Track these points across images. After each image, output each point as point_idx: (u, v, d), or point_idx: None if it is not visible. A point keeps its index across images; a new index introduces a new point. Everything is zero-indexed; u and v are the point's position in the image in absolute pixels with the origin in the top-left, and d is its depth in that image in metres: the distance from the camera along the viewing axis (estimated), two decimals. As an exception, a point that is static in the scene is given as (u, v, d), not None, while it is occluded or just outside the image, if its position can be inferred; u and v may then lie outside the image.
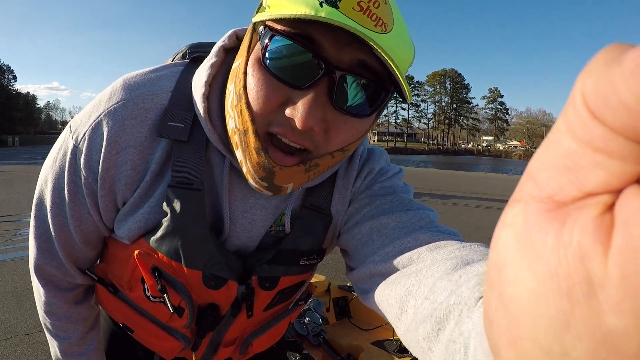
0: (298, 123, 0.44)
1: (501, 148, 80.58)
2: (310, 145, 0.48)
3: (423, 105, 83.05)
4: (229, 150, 0.54)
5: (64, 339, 0.69)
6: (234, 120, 0.49)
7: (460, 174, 18.12)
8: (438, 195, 9.04)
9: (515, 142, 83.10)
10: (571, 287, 0.11)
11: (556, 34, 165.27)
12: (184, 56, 0.69)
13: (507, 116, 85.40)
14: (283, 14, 0.42)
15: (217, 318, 0.63)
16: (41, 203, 0.60)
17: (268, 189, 0.52)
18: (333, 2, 0.41)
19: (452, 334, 0.32)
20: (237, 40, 0.58)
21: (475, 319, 0.30)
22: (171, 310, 0.58)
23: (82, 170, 0.54)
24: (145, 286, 0.59)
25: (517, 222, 0.14)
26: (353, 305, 1.91)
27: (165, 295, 0.57)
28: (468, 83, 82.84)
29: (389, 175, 0.63)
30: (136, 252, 0.57)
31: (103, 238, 0.64)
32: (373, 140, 79.41)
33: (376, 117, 0.53)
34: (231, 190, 0.57)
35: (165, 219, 0.54)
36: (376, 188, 0.60)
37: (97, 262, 0.70)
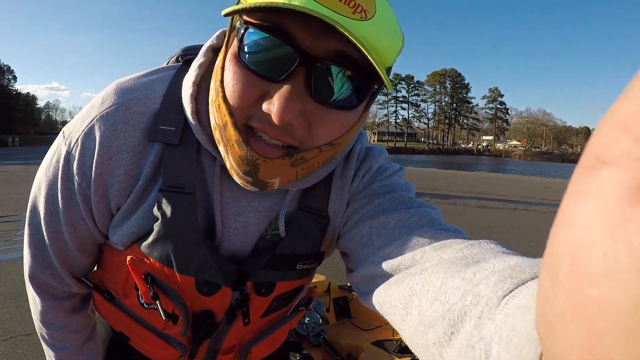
0: (274, 118, 0.43)
1: (501, 148, 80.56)
2: (292, 141, 0.46)
3: (423, 105, 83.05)
4: (218, 150, 0.52)
5: (61, 349, 0.67)
6: (214, 115, 0.48)
7: (460, 174, 18.12)
8: (438, 195, 9.03)
9: (515, 142, 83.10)
10: None
11: (556, 34, 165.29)
12: (178, 59, 0.69)
13: (507, 116, 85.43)
14: (252, 3, 0.40)
15: (212, 325, 0.62)
16: (35, 210, 0.58)
17: (253, 184, 0.50)
18: None
19: (471, 339, 0.28)
20: None
21: (498, 322, 0.26)
22: (164, 317, 0.57)
23: (76, 176, 0.53)
24: (139, 293, 0.58)
25: (609, 191, 0.10)
26: (353, 305, 1.91)
27: (157, 302, 0.56)
28: (468, 83, 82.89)
29: (388, 173, 0.60)
30: (128, 258, 0.56)
31: (98, 245, 0.63)
32: (373, 140, 79.28)
33: (365, 109, 0.51)
34: (222, 192, 0.56)
35: (156, 224, 0.53)
36: (375, 187, 0.58)
37: (94, 269, 0.69)
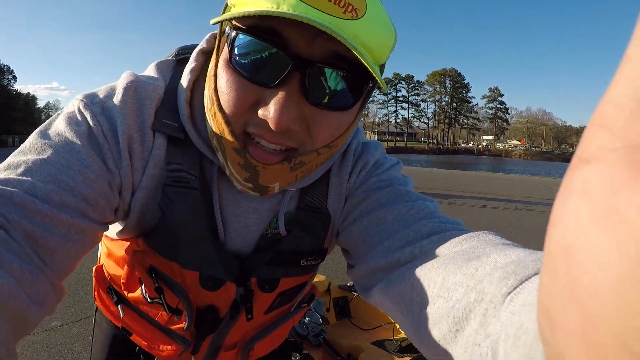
0: (271, 124, 0.42)
1: (501, 147, 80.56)
2: (292, 143, 0.46)
3: (423, 104, 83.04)
4: (215, 155, 0.52)
5: None
6: (210, 123, 0.48)
7: (460, 174, 18.12)
8: (438, 194, 9.03)
9: (515, 142, 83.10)
10: None
11: (556, 34, 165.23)
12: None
13: (507, 115, 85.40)
14: (241, 12, 0.39)
15: (216, 320, 0.62)
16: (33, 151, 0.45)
17: (254, 190, 0.50)
18: None
19: (477, 337, 0.28)
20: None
21: (504, 319, 0.26)
22: (167, 311, 0.57)
23: (106, 138, 0.49)
24: (143, 287, 0.58)
25: (592, 187, 0.10)
26: (353, 305, 1.91)
27: (161, 296, 0.56)
28: (468, 82, 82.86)
29: (385, 167, 0.60)
30: (133, 252, 0.55)
31: (87, 231, 0.46)
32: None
33: (361, 108, 0.51)
34: (222, 194, 0.56)
35: (160, 218, 0.52)
36: (372, 182, 0.58)
37: (97, 263, 0.69)
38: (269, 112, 0.42)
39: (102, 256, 0.67)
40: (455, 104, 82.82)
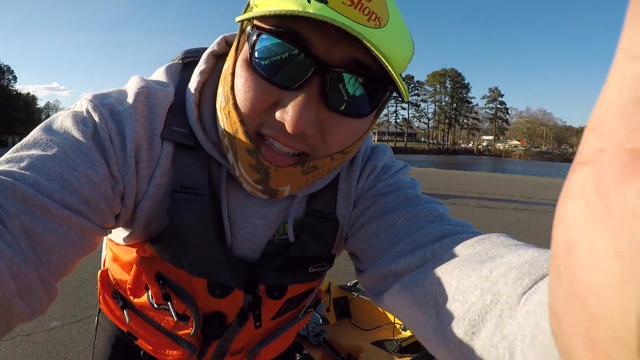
0: (288, 127, 0.42)
1: (501, 147, 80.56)
2: (306, 148, 0.46)
3: (423, 104, 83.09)
4: (224, 157, 0.51)
5: None
6: (223, 122, 0.47)
7: (460, 174, 18.11)
8: (438, 195, 9.02)
9: (515, 142, 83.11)
10: None
11: (556, 34, 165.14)
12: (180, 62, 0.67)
13: (507, 116, 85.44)
14: (268, 11, 0.39)
15: (223, 327, 0.61)
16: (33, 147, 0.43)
17: (263, 192, 0.49)
18: None
19: (493, 338, 0.28)
20: (227, 45, 0.57)
21: (520, 319, 0.26)
22: (175, 318, 0.56)
23: (112, 142, 0.47)
24: (149, 293, 0.57)
25: (587, 189, 0.11)
26: (353, 305, 1.91)
27: (169, 303, 0.55)
28: (468, 82, 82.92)
29: (393, 171, 0.60)
30: (139, 258, 0.54)
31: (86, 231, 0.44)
32: (373, 140, 78.88)
33: (376, 117, 0.50)
34: (230, 199, 0.55)
35: (168, 225, 0.51)
36: (380, 186, 0.57)
37: (102, 267, 0.68)
38: (287, 115, 0.42)
39: (107, 260, 0.66)
40: (455, 104, 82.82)
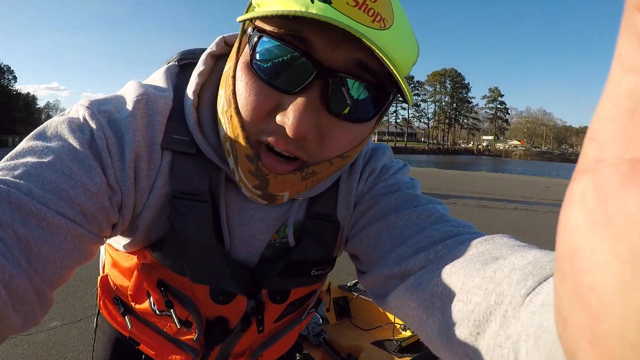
0: (289, 131, 0.41)
1: (501, 147, 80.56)
2: (303, 155, 0.45)
3: (423, 104, 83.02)
4: (223, 161, 0.51)
5: None
6: (225, 126, 0.47)
7: (460, 174, 18.11)
8: (438, 195, 9.02)
9: (515, 142, 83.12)
10: None
11: (557, 34, 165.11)
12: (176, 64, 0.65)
13: (507, 116, 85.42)
14: (269, 11, 0.38)
15: (226, 332, 0.61)
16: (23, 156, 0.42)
17: (262, 198, 0.49)
18: None
19: (497, 338, 0.28)
20: (226, 46, 0.56)
21: (524, 320, 0.26)
22: (178, 325, 0.56)
23: (110, 153, 0.46)
24: (151, 299, 0.56)
25: (588, 197, 0.11)
26: (353, 305, 1.91)
27: (171, 310, 0.55)
28: (468, 82, 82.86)
29: (392, 172, 0.59)
30: (140, 265, 0.54)
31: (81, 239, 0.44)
32: (373, 140, 78.86)
33: (377, 121, 0.50)
34: (228, 203, 0.54)
35: (169, 232, 0.50)
36: (380, 187, 0.57)
37: (101, 272, 0.68)
38: (288, 119, 0.41)
39: (107, 266, 0.65)
40: (455, 104, 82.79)
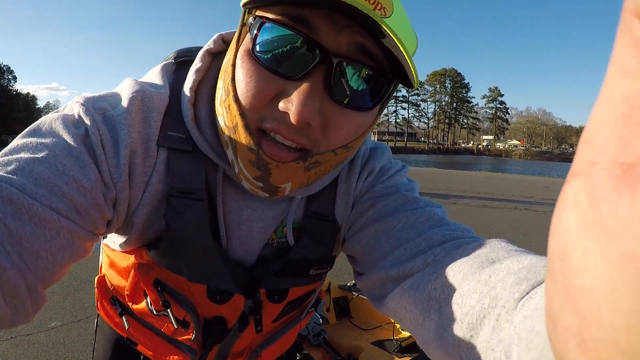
0: (292, 117, 0.40)
1: (501, 147, 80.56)
2: (307, 143, 0.44)
3: (423, 104, 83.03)
4: (221, 158, 0.50)
5: None
6: (223, 117, 0.46)
7: (460, 174, 18.11)
8: (438, 194, 9.02)
9: (515, 142, 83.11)
10: None
11: (557, 33, 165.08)
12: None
13: (507, 115, 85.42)
14: None
15: (224, 331, 0.61)
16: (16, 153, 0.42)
17: (264, 190, 0.48)
18: None
19: (490, 342, 0.29)
20: (224, 43, 0.55)
21: (517, 323, 0.26)
22: (175, 325, 0.56)
23: (104, 149, 0.46)
24: (148, 299, 0.56)
25: (580, 199, 0.11)
26: (353, 305, 1.91)
27: (169, 310, 0.55)
28: (468, 82, 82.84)
29: (391, 173, 0.59)
30: (137, 264, 0.54)
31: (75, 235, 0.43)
32: (373, 139, 79.12)
33: (380, 111, 0.49)
34: (225, 201, 0.53)
35: (165, 230, 0.50)
36: (378, 189, 0.57)
37: (99, 273, 0.68)
38: (291, 104, 0.40)
39: (104, 266, 0.65)
40: (455, 104, 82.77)
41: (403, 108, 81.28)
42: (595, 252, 0.11)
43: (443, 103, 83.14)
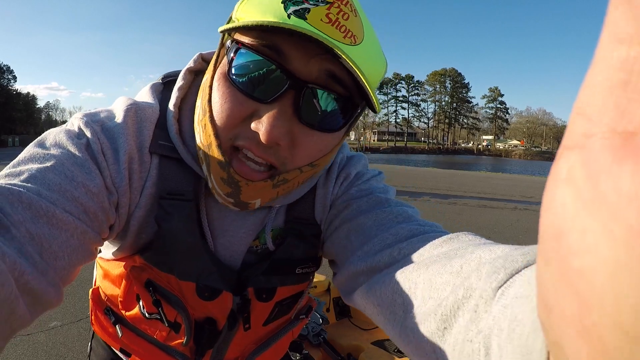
0: (262, 137, 0.43)
1: (501, 147, 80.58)
2: (275, 161, 0.47)
3: (423, 104, 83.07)
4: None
5: None
6: (199, 135, 0.49)
7: (460, 173, 18.12)
8: (438, 194, 9.03)
9: (515, 142, 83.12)
10: None
11: (557, 33, 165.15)
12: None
13: (507, 115, 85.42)
14: (248, 22, 0.41)
15: (215, 333, 0.62)
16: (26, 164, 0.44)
17: (234, 205, 0.51)
18: (301, 14, 0.41)
19: (467, 333, 0.28)
20: (203, 62, 0.59)
21: (496, 313, 0.26)
22: (166, 324, 0.57)
23: (105, 159, 0.49)
24: (140, 304, 0.58)
25: (576, 174, 0.11)
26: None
27: (159, 309, 0.56)
28: (468, 82, 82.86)
29: (366, 178, 0.62)
30: (129, 268, 0.56)
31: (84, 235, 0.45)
32: (373, 140, 79.39)
33: (346, 132, 0.52)
34: (209, 210, 0.56)
35: (157, 231, 0.53)
36: (353, 191, 0.59)
37: (93, 285, 0.69)
38: (262, 125, 0.44)
39: (98, 278, 0.67)
40: (455, 104, 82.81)
41: (403, 108, 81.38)
42: (595, 230, 0.10)
43: (443, 103, 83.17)
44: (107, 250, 0.60)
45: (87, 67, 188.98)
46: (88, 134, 0.49)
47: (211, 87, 0.47)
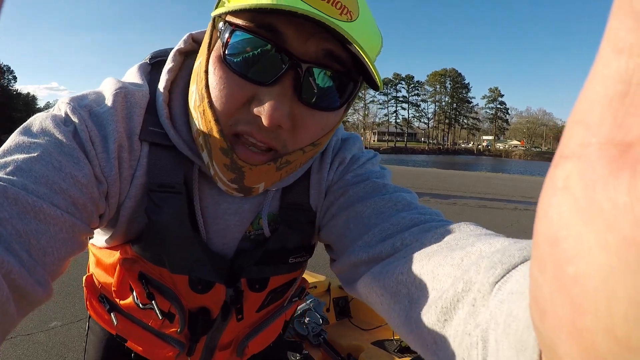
0: (265, 120, 0.43)
1: (501, 147, 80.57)
2: (276, 144, 0.46)
3: (423, 104, 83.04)
4: (196, 155, 0.52)
5: None
6: (198, 121, 0.48)
7: (460, 174, 18.11)
8: (438, 195, 9.03)
9: (515, 142, 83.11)
10: None
11: (556, 33, 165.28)
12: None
13: (507, 116, 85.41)
14: (243, 5, 0.39)
15: (209, 322, 0.62)
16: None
17: (239, 191, 0.51)
18: None
19: (466, 326, 0.28)
20: (194, 42, 0.57)
21: (493, 308, 0.26)
22: (160, 316, 0.57)
23: (92, 144, 0.47)
24: (134, 294, 0.57)
25: (573, 183, 0.11)
26: (353, 305, 1.91)
27: (153, 301, 0.56)
28: (468, 83, 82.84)
29: (361, 162, 0.60)
30: (122, 260, 0.55)
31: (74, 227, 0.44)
32: (373, 140, 79.36)
33: (346, 110, 0.52)
34: (202, 196, 0.55)
35: (147, 224, 0.52)
36: (348, 177, 0.58)
37: (87, 272, 0.68)
38: (263, 109, 0.43)
39: (91, 265, 0.67)
40: (455, 104, 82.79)
41: (403, 108, 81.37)
42: (590, 239, 0.10)
43: (443, 103, 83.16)
44: (99, 237, 0.59)
45: (87, 68, 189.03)
46: (75, 120, 0.47)
47: (207, 72, 0.46)
